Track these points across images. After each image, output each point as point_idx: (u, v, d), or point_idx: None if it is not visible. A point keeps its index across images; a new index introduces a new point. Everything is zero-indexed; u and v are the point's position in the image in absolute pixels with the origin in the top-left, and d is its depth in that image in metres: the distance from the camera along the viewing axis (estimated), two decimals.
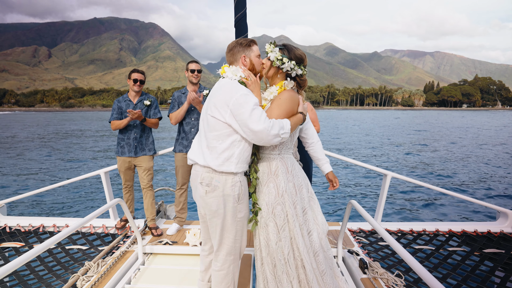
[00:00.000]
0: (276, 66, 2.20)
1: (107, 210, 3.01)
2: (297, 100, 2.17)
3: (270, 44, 2.24)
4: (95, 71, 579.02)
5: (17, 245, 3.70)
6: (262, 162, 2.23)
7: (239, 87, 2.04)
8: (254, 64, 2.18)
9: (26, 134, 30.76)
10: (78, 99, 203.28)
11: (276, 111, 2.10)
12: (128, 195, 4.11)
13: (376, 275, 2.87)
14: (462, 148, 21.05)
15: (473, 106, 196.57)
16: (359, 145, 22.90)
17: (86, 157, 16.73)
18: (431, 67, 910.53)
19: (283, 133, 2.00)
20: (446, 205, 8.93)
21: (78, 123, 44.18)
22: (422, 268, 1.73)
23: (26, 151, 18.88)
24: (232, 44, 2.19)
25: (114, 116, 3.86)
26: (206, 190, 2.10)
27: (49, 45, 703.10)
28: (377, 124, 47.71)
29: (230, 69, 2.15)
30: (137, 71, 3.88)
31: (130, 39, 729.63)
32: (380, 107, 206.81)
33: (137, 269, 3.14)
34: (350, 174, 12.90)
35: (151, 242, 3.58)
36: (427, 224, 4.23)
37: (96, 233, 4.02)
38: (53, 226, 4.13)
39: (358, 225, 4.18)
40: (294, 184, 2.18)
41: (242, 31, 2.83)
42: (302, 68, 2.21)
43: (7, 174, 12.39)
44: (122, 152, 3.88)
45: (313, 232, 2.20)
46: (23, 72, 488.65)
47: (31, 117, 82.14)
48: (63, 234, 2.07)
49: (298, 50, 2.22)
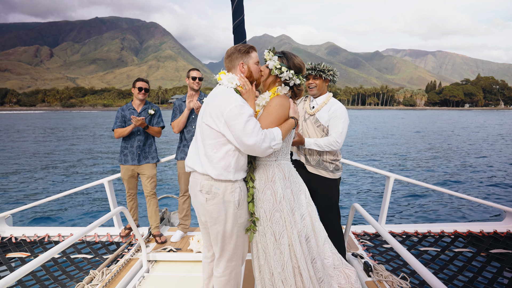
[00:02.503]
0: (275, 75, 2.18)
1: (111, 218, 3.07)
2: (288, 105, 2.14)
3: (269, 52, 2.21)
4: (96, 70, 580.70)
5: (23, 255, 3.72)
6: (259, 169, 2.20)
7: (234, 96, 2.01)
8: (252, 71, 2.16)
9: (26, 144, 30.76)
10: (79, 98, 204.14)
11: (266, 120, 2.08)
12: (132, 203, 4.11)
13: (381, 278, 2.84)
14: (466, 148, 20.95)
15: (475, 106, 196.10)
16: (361, 146, 22.80)
17: (90, 164, 16.70)
18: (433, 67, 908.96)
19: (275, 144, 1.99)
20: (450, 206, 8.86)
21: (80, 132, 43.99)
22: (426, 271, 1.70)
23: (29, 159, 18.87)
24: (230, 50, 2.17)
25: (117, 124, 3.90)
26: (206, 198, 2.09)
27: (51, 44, 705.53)
28: (379, 124, 47.56)
29: (227, 77, 2.13)
30: (141, 80, 3.92)
31: (131, 39, 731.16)
32: (382, 107, 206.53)
33: (142, 276, 3.14)
34: (353, 176, 12.82)
35: (155, 249, 3.58)
36: (432, 225, 4.19)
37: (100, 242, 4.02)
38: (58, 235, 4.14)
39: (362, 228, 4.15)
40: (291, 191, 2.16)
41: (240, 37, 2.84)
42: (300, 78, 2.19)
43: (11, 184, 12.39)
44: (126, 160, 3.91)
45: (311, 238, 2.18)
46: (25, 72, 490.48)
47: (29, 117, 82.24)
48: (68, 243, 2.07)
49: (297, 59, 2.19)
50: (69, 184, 11.97)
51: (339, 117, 2.87)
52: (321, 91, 3.02)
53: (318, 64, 3.00)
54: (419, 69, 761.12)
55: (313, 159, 2.93)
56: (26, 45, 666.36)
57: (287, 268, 2.07)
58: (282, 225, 2.08)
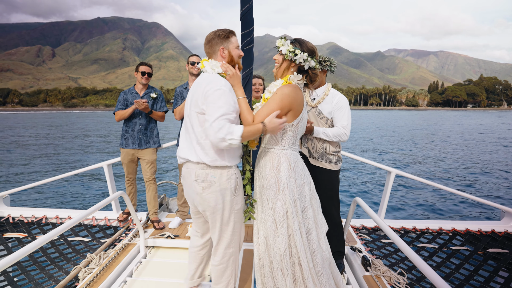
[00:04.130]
0: (288, 59, 2.15)
1: (110, 202, 2.95)
2: (295, 97, 2.09)
3: (281, 39, 2.21)
4: (98, 70, 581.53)
5: (20, 235, 3.73)
6: (265, 156, 2.21)
7: (218, 80, 2.01)
8: (233, 56, 2.13)
9: (29, 133, 30.88)
10: (81, 98, 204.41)
11: (263, 110, 2.08)
12: (130, 188, 4.10)
13: (379, 272, 2.86)
14: (467, 147, 20.88)
15: (478, 106, 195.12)
16: (364, 141, 22.75)
17: (90, 150, 16.73)
18: (435, 67, 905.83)
19: (230, 139, 1.92)
20: (450, 203, 8.85)
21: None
22: (426, 266, 1.70)
23: (30, 144, 18.91)
24: (210, 35, 2.12)
25: (119, 107, 3.88)
26: (203, 187, 2.08)
27: (53, 44, 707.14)
28: (382, 124, 47.46)
29: (210, 64, 2.11)
30: (144, 64, 3.90)
31: (133, 39, 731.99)
32: (384, 107, 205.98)
33: (139, 262, 3.15)
34: (354, 170, 12.81)
35: (153, 235, 3.59)
36: (430, 222, 4.19)
37: (98, 226, 4.02)
38: (56, 217, 4.15)
39: (360, 222, 4.16)
40: (295, 181, 2.14)
41: (248, 24, 2.83)
42: (315, 60, 2.17)
43: (11, 165, 12.40)
44: (126, 144, 3.88)
45: (312, 231, 2.18)
46: (27, 72, 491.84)
47: (29, 117, 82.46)
48: (66, 226, 2.08)
49: (309, 43, 2.18)
50: (68, 167, 11.94)
51: (343, 108, 2.86)
52: (320, 82, 3.03)
53: None
54: (421, 69, 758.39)
55: (316, 151, 2.92)
56: (29, 45, 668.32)
57: (285, 257, 2.07)
58: (283, 214, 2.08)
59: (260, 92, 3.78)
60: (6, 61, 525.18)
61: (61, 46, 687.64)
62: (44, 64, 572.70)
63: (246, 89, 3.04)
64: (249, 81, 2.98)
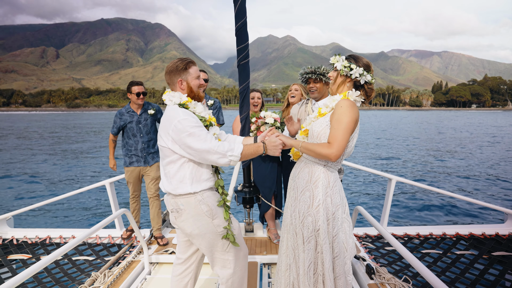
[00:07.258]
0: (344, 75, 2.13)
1: (113, 220, 3.04)
2: (356, 112, 2.03)
3: (335, 56, 2.20)
4: (102, 71, 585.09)
5: (25, 257, 3.72)
6: (305, 168, 2.15)
7: (176, 112, 2.00)
8: (191, 87, 2.13)
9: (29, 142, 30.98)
10: (84, 99, 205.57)
11: (336, 130, 1.98)
12: (135, 205, 4.10)
13: (383, 280, 2.83)
14: (468, 150, 20.75)
15: (482, 106, 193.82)
16: (363, 148, 22.68)
17: (91, 168, 16.81)
18: (439, 67, 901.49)
19: (231, 156, 1.95)
20: (452, 208, 8.79)
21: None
22: (429, 273, 1.68)
23: (31, 161, 19.03)
24: (169, 67, 2.12)
25: (114, 130, 3.91)
26: (175, 216, 2.09)
27: (57, 45, 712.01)
28: (383, 126, 47.27)
29: (167, 96, 2.10)
30: (136, 84, 3.80)
31: (136, 40, 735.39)
32: (387, 107, 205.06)
33: (144, 279, 3.13)
34: (355, 179, 12.74)
35: (157, 251, 3.57)
36: (433, 227, 4.18)
37: (102, 244, 4.03)
38: (60, 237, 4.16)
39: (364, 231, 4.14)
40: (332, 201, 2.07)
41: (243, 40, 2.89)
42: (371, 75, 2.13)
43: (13, 185, 12.50)
44: (131, 163, 3.87)
45: (340, 255, 2.12)
46: (31, 73, 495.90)
47: (30, 118, 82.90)
48: (70, 246, 2.08)
49: (364, 59, 2.16)
50: (70, 187, 12.03)
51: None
52: (322, 94, 3.05)
53: (318, 67, 3.01)
54: (425, 69, 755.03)
55: None
56: (33, 46, 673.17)
57: (309, 272, 2.04)
58: (312, 231, 2.02)
59: (259, 106, 3.74)
60: (10, 62, 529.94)
61: (65, 47, 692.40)
62: (48, 65, 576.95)
63: (244, 103, 3.03)
64: (246, 95, 2.98)
